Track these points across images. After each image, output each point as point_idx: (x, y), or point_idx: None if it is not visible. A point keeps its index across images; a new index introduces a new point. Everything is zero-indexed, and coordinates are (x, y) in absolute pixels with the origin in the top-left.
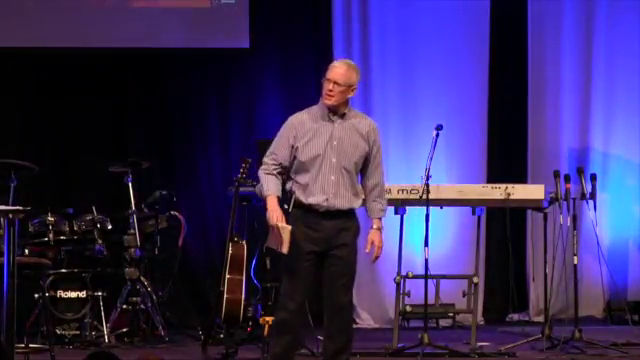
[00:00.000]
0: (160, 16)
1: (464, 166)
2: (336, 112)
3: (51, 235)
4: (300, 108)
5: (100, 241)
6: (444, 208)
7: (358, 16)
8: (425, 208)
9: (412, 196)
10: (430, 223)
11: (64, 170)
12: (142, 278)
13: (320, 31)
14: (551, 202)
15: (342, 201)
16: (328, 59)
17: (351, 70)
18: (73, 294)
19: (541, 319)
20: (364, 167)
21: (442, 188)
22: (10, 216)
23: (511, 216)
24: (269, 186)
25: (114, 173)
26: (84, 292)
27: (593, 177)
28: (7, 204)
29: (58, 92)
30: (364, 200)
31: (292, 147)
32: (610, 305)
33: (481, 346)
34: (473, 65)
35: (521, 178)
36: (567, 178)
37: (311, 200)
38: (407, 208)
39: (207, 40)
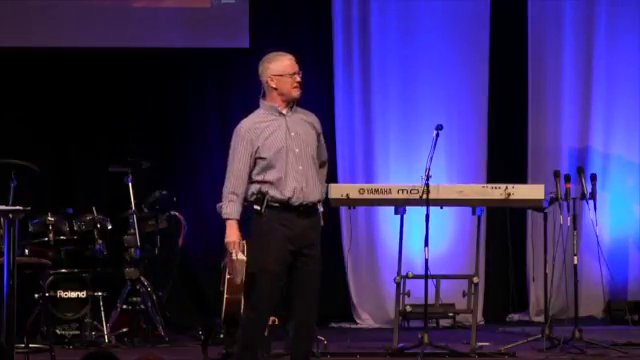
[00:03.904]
0: (160, 16)
1: (464, 166)
2: (286, 105)
3: (51, 235)
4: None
5: (100, 241)
6: (444, 208)
7: (358, 16)
8: (425, 208)
9: (412, 196)
10: (430, 223)
11: (64, 170)
12: (142, 278)
13: (320, 31)
14: (551, 202)
15: (313, 191)
16: (328, 59)
17: None
18: (73, 294)
19: (541, 319)
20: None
21: (442, 188)
22: (10, 216)
23: (511, 216)
24: (230, 209)
25: (114, 173)
26: (84, 292)
27: (593, 177)
28: (7, 204)
29: (58, 92)
30: None
31: (252, 151)
32: (610, 305)
33: (481, 346)
34: (473, 65)
35: (521, 178)
36: (567, 178)
37: (287, 193)
38: (407, 208)
39: (207, 40)
